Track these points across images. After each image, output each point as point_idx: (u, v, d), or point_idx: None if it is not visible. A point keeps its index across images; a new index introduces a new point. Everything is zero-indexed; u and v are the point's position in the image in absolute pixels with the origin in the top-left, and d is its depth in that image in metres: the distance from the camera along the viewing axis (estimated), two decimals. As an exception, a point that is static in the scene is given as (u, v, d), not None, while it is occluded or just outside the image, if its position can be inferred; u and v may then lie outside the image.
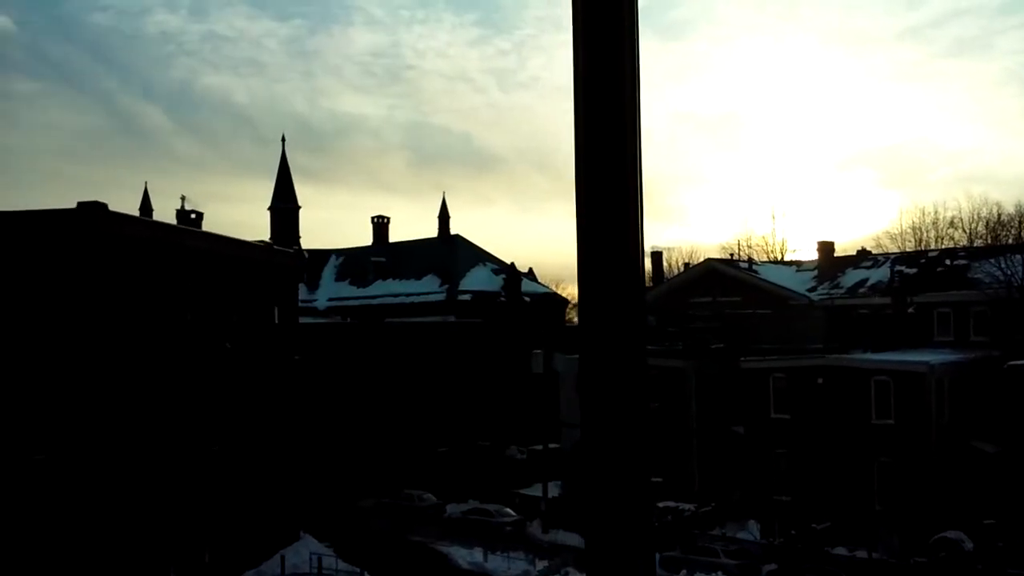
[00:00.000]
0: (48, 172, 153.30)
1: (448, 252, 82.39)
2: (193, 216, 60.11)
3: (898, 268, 63.57)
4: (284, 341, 49.25)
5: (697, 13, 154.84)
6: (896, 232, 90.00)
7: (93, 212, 35.51)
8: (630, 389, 1.49)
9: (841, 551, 44.93)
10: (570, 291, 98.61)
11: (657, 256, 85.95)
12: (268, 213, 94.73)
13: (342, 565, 44.46)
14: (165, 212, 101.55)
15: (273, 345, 47.76)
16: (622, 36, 1.51)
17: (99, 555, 34.35)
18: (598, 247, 1.53)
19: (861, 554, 44.28)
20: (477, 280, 78.65)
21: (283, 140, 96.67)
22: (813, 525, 46.29)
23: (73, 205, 35.73)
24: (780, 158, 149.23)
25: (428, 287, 79.57)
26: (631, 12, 1.50)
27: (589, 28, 1.50)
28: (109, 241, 35.73)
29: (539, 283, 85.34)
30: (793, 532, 46.72)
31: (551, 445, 57.44)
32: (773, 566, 44.17)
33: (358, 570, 43.82)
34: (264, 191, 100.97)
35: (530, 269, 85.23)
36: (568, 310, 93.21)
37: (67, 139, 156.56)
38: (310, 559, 44.66)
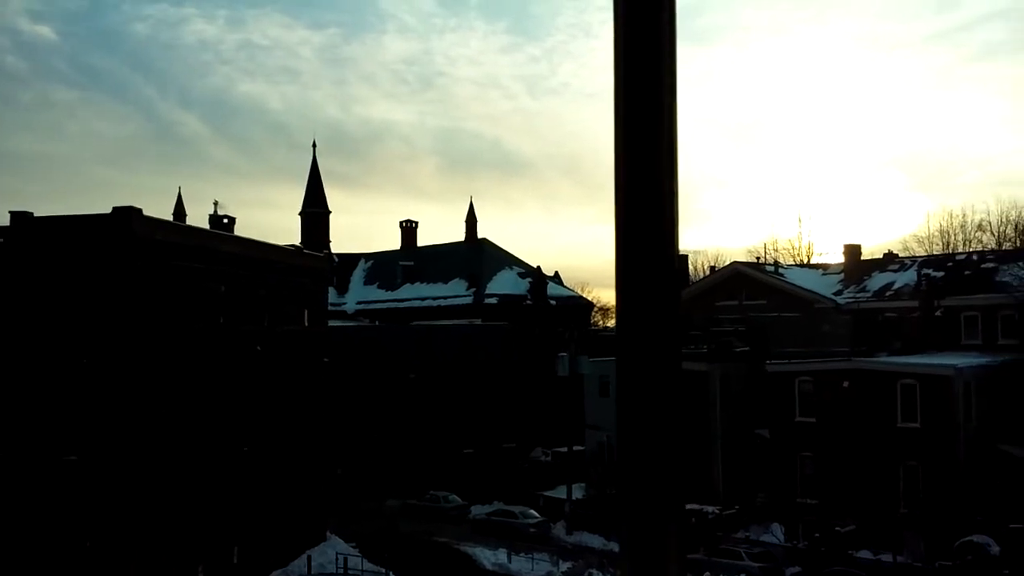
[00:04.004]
0: (88, 179, 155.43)
1: (475, 256, 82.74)
2: (225, 221, 60.68)
3: (925, 271, 63.23)
4: (313, 344, 49.80)
5: (725, 19, 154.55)
6: (924, 235, 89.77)
7: (127, 216, 36.25)
8: (666, 393, 1.55)
9: (866, 554, 44.84)
10: (595, 295, 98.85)
11: (683, 259, 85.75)
12: (299, 218, 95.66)
13: (367, 565, 44.78)
14: (199, 217, 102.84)
15: (303, 348, 48.31)
16: (661, 43, 1.60)
17: (130, 552, 34.97)
18: (635, 251, 1.61)
19: (886, 558, 44.17)
20: (503, 284, 78.97)
21: (314, 146, 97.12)
22: (837, 528, 46.20)
23: (110, 210, 36.55)
24: (807, 162, 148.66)
25: (455, 291, 79.96)
26: (671, 20, 1.61)
27: (629, 35, 1.59)
28: (142, 245, 36.42)
29: (565, 287, 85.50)
30: (817, 535, 46.66)
31: (576, 447, 57.65)
32: (797, 569, 44.19)
33: (383, 570, 44.17)
34: (296, 196, 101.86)
35: (556, 273, 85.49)
36: (594, 313, 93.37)
37: (107, 147, 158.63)
38: (336, 559, 45.09)
